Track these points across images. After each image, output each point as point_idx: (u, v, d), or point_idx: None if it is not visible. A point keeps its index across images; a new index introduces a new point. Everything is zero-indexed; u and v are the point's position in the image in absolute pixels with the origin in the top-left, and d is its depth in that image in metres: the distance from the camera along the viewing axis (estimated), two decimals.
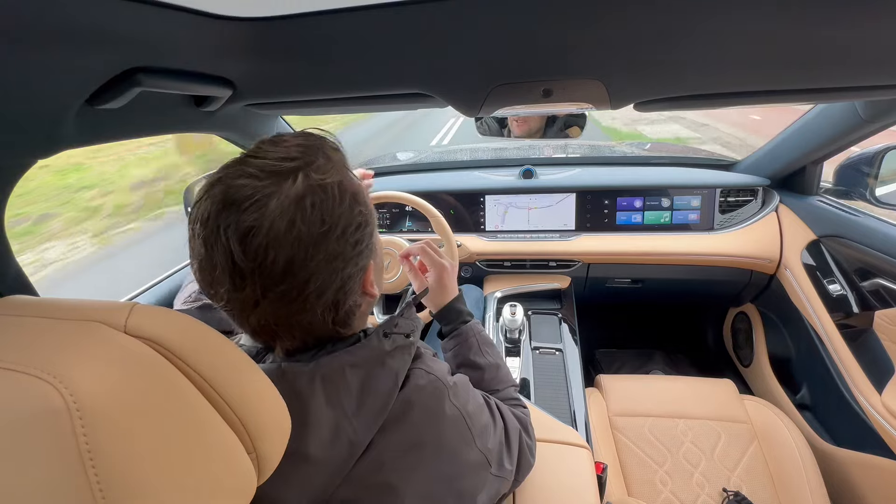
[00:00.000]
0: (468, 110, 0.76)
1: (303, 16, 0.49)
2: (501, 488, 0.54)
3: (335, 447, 0.40)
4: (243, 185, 0.37)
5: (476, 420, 0.50)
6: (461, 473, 0.47)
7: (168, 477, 0.24)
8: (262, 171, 0.38)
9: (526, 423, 0.63)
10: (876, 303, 1.06)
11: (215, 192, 0.38)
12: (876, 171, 1.06)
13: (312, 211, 0.38)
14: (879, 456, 0.97)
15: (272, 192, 0.37)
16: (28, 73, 0.42)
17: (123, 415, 0.23)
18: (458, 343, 0.72)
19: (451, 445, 0.46)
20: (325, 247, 0.39)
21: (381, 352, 0.45)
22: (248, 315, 0.40)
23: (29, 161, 0.56)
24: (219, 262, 0.37)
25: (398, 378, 0.45)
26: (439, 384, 0.48)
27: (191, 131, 0.83)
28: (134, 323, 0.26)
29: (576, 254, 1.41)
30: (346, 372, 0.42)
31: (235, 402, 0.29)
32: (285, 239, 0.37)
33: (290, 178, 0.38)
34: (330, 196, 0.39)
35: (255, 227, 0.36)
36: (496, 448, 0.52)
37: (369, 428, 0.42)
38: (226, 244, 0.37)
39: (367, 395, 0.42)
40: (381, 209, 1.51)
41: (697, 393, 1.20)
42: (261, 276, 0.37)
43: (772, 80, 0.65)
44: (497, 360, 0.72)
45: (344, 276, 0.42)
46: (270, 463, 0.32)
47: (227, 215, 0.37)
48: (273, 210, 0.37)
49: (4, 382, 0.22)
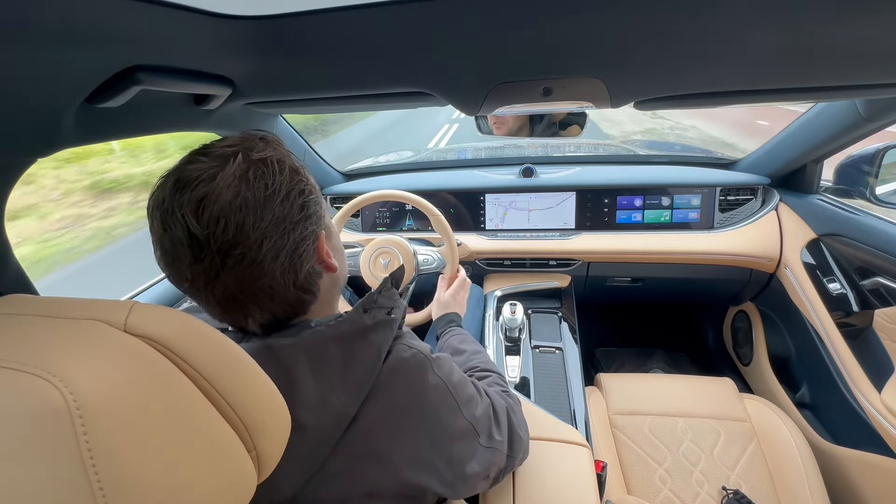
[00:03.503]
0: (468, 109, 0.76)
1: (303, 14, 0.49)
2: (495, 460, 0.55)
3: (323, 416, 0.42)
4: (192, 169, 0.42)
5: (461, 390, 0.52)
6: (449, 439, 0.49)
7: (168, 475, 0.24)
8: (207, 156, 0.43)
9: (514, 407, 0.65)
10: (876, 301, 1.06)
11: (168, 179, 0.42)
12: (876, 169, 1.06)
13: (256, 180, 0.42)
14: (879, 454, 0.97)
15: (218, 170, 0.41)
16: (28, 72, 0.42)
17: (123, 413, 0.23)
18: (447, 337, 0.88)
19: (437, 412, 0.48)
20: (271, 209, 0.42)
21: (362, 325, 0.47)
22: (213, 287, 0.42)
23: (29, 160, 0.56)
24: (177, 238, 0.41)
25: (381, 351, 0.47)
26: (421, 356, 0.50)
27: (190, 130, 0.83)
28: (134, 321, 0.26)
29: (576, 252, 1.41)
30: (330, 345, 0.45)
31: (235, 400, 0.29)
32: (233, 206, 0.40)
33: (233, 158, 0.42)
34: (270, 167, 0.43)
35: (206, 199, 0.40)
36: (484, 419, 0.54)
37: (355, 398, 0.44)
38: (182, 220, 0.40)
39: (351, 367, 0.44)
40: (382, 208, 1.51)
41: (697, 391, 1.20)
42: (216, 243, 0.40)
43: (772, 79, 0.64)
44: (479, 349, 0.81)
45: (296, 238, 0.44)
46: (270, 461, 0.32)
47: (180, 195, 0.41)
48: (219, 183, 0.41)
49: (4, 381, 0.22)
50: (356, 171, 1.67)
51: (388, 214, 1.52)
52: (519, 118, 1.18)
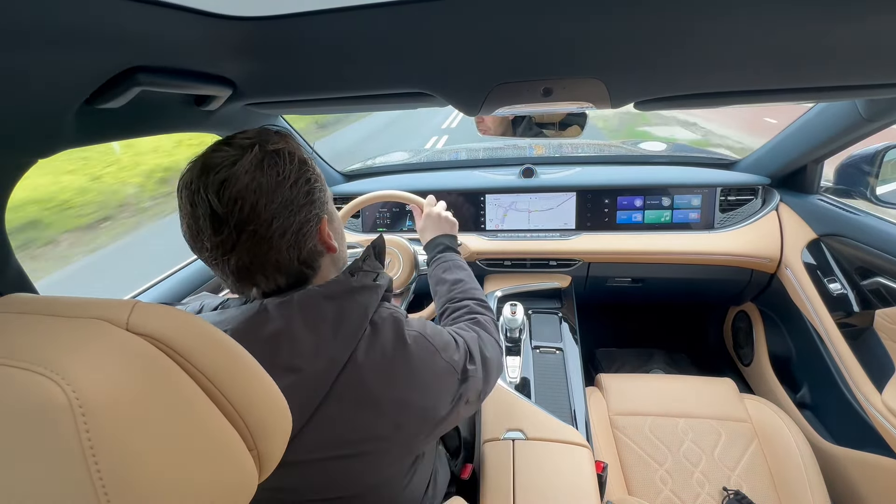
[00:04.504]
0: (469, 109, 0.76)
1: (303, 15, 0.49)
2: (473, 386, 0.61)
3: (317, 362, 0.47)
4: (216, 156, 0.48)
5: (436, 338, 0.58)
6: (432, 378, 0.54)
7: (170, 473, 0.24)
8: (229, 146, 0.49)
9: (483, 332, 0.70)
10: (876, 302, 1.06)
11: (196, 164, 0.49)
12: (876, 169, 1.06)
13: (268, 168, 0.49)
14: (880, 455, 0.97)
15: (238, 158, 0.48)
16: (28, 73, 0.42)
17: (126, 412, 0.23)
18: (434, 266, 0.91)
19: (418, 357, 0.54)
20: (280, 193, 0.49)
21: (349, 286, 0.53)
22: (229, 258, 0.49)
23: (29, 160, 0.56)
24: (201, 214, 0.47)
25: (367, 312, 0.52)
26: (398, 314, 0.57)
27: (191, 131, 0.83)
28: (136, 320, 0.26)
29: (576, 253, 1.41)
30: (322, 302, 0.50)
31: (237, 399, 0.29)
32: (249, 189, 0.47)
33: (251, 149, 0.49)
34: (281, 158, 0.50)
35: (226, 181, 0.47)
36: (460, 359, 0.60)
37: (345, 347, 0.49)
38: (205, 198, 0.47)
39: (341, 322, 0.50)
40: (382, 208, 1.52)
41: (698, 392, 1.20)
42: (234, 220, 0.47)
43: (772, 79, 0.65)
44: (461, 277, 0.86)
45: (301, 219, 0.51)
46: (272, 460, 0.32)
47: (205, 178, 0.47)
48: (239, 169, 0.47)
49: (7, 379, 0.22)
50: (356, 171, 1.67)
51: (389, 215, 1.52)
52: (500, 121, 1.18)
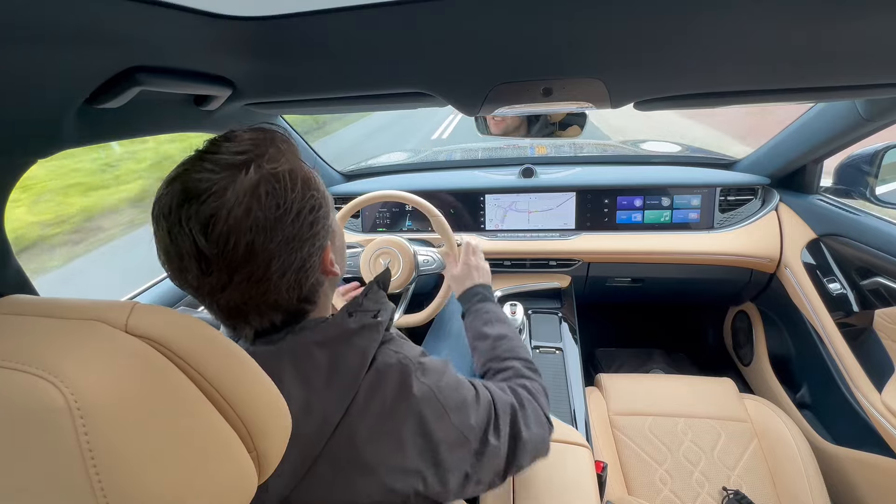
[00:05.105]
0: (468, 109, 0.76)
1: (303, 15, 0.49)
2: (489, 464, 0.51)
3: (307, 422, 0.41)
4: (200, 179, 0.40)
5: (450, 396, 0.49)
6: (436, 447, 0.46)
7: (169, 475, 0.24)
8: (217, 165, 0.41)
9: (527, 400, 0.60)
10: (876, 302, 1.06)
11: (174, 187, 0.40)
12: (876, 169, 1.06)
13: (267, 198, 0.41)
14: (879, 455, 0.97)
15: (228, 183, 0.40)
16: (28, 73, 0.42)
17: (124, 414, 0.23)
18: (472, 318, 0.80)
19: (422, 420, 0.46)
20: (281, 229, 0.42)
21: (346, 330, 0.46)
22: (218, 297, 0.42)
23: (28, 161, 0.56)
24: (185, 251, 0.40)
25: (366, 356, 0.46)
26: (407, 362, 0.49)
27: (190, 131, 0.83)
28: (135, 322, 0.26)
29: (576, 253, 1.41)
30: (314, 350, 0.44)
31: (236, 400, 0.29)
32: (244, 225, 0.39)
33: (244, 170, 0.40)
34: (282, 183, 0.42)
35: (215, 216, 0.39)
36: (478, 425, 0.51)
37: (339, 403, 0.43)
38: (189, 234, 0.39)
39: (336, 371, 0.44)
40: (382, 209, 1.51)
41: (697, 392, 1.20)
42: (225, 261, 0.40)
43: (772, 79, 0.64)
44: (505, 332, 0.75)
45: (304, 256, 0.44)
46: (271, 462, 0.32)
47: (188, 207, 0.39)
48: (230, 199, 0.39)
49: (5, 381, 0.22)
50: (356, 171, 1.67)
51: (388, 215, 1.52)
52: (516, 117, 1.18)
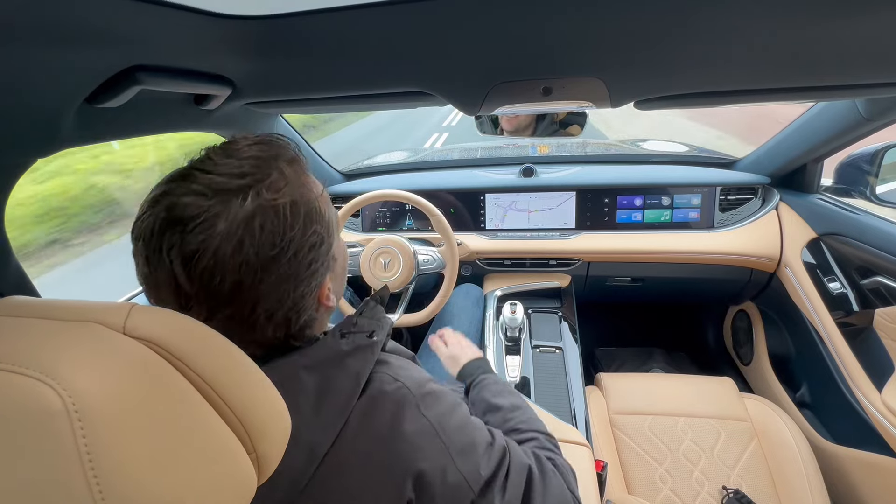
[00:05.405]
0: (468, 109, 0.76)
1: (303, 14, 0.48)
2: None
3: (294, 457, 0.36)
4: (188, 204, 0.35)
5: (455, 436, 0.44)
6: (433, 490, 0.41)
7: (168, 478, 0.24)
8: (209, 188, 0.36)
9: (547, 469, 0.52)
10: (876, 301, 1.06)
11: (159, 208, 0.36)
12: (876, 169, 1.06)
13: (262, 234, 0.36)
14: (879, 454, 0.97)
15: (219, 212, 0.35)
16: (28, 72, 0.42)
17: (122, 416, 0.23)
18: (478, 390, 0.74)
19: (418, 459, 0.41)
20: (275, 270, 0.37)
21: (338, 352, 0.42)
22: None
23: (28, 160, 0.56)
24: (162, 283, 0.36)
25: (359, 379, 0.41)
26: (406, 391, 0.43)
27: (190, 130, 0.83)
28: (133, 324, 0.26)
29: (576, 252, 1.41)
30: (301, 375, 0.40)
31: (235, 402, 0.29)
32: (232, 263, 0.35)
33: (240, 198, 0.36)
34: (282, 218, 0.37)
35: (200, 251, 0.34)
36: (486, 473, 0.45)
37: (328, 432, 0.39)
38: (168, 266, 0.35)
39: (325, 397, 0.39)
40: (382, 208, 1.51)
41: (697, 391, 1.20)
42: (206, 299, 0.36)
43: (772, 78, 0.64)
44: (518, 403, 0.69)
45: (296, 297, 0.40)
46: (271, 463, 0.32)
47: (170, 235, 0.35)
48: (220, 232, 0.35)
49: (2, 384, 0.22)
50: (356, 170, 1.67)
51: (388, 214, 1.52)
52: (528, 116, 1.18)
